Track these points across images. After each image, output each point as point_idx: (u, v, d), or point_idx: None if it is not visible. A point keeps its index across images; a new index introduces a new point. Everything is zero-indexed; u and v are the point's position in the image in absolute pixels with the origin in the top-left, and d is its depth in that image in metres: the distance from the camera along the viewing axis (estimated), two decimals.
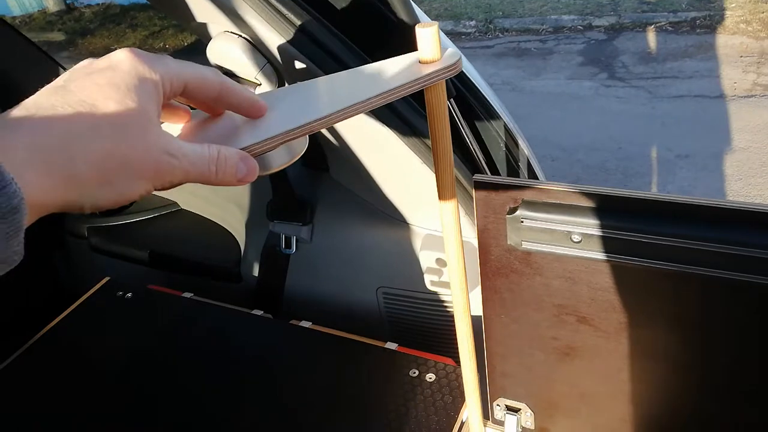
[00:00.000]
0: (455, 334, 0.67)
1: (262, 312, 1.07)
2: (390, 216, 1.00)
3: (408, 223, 0.99)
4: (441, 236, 0.97)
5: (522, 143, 0.92)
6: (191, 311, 1.10)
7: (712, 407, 0.66)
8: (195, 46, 5.89)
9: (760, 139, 3.25)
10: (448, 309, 0.98)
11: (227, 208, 1.30)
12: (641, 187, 2.97)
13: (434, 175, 0.78)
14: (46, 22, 6.86)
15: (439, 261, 0.94)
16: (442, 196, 0.60)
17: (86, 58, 0.37)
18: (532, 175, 0.94)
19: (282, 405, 0.88)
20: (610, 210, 0.58)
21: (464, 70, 0.89)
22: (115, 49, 0.37)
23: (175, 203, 1.45)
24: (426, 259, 0.96)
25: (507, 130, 0.90)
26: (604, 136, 3.46)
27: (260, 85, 0.80)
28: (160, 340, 1.05)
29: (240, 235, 1.27)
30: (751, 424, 0.64)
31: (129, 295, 1.13)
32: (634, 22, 4.89)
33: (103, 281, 1.18)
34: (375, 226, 1.02)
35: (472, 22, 5.43)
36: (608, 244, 0.58)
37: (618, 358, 0.67)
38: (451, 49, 0.53)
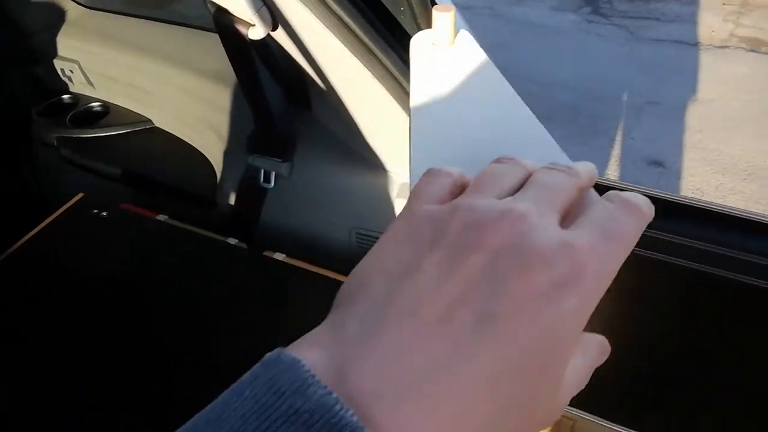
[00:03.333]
0: None
1: (237, 241, 1.11)
2: (369, 160, 1.03)
3: (386, 170, 1.02)
4: None
5: None
6: (165, 235, 1.12)
7: (630, 362, 0.75)
8: None
9: (726, 92, 3.33)
10: None
11: (205, 133, 1.29)
12: (606, 132, 3.04)
13: None
14: None
15: None
16: None
17: None
18: None
19: (250, 335, 0.94)
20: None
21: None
22: None
23: (149, 120, 1.43)
24: (400, 206, 1.00)
25: None
26: (581, 75, 3.47)
27: (254, 26, 0.79)
28: (133, 262, 1.08)
29: (216, 161, 1.27)
30: (660, 380, 0.74)
31: (104, 213, 1.15)
32: None
33: (78, 197, 1.19)
34: (353, 168, 1.05)
35: None
36: None
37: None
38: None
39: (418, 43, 0.54)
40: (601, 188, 0.27)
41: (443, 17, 0.52)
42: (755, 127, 3.05)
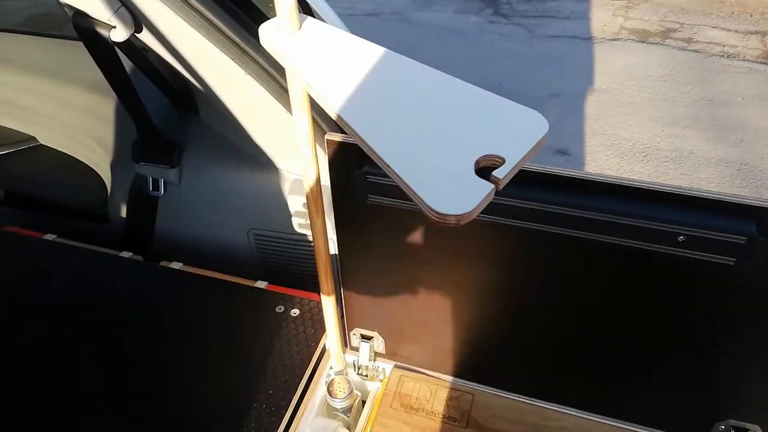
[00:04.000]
0: None
1: (132, 254, 1.07)
2: (260, 160, 1.03)
3: (277, 168, 1.02)
4: None
5: None
6: (55, 254, 1.07)
7: (521, 333, 0.79)
8: None
9: (620, 81, 3.55)
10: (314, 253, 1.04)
11: (91, 146, 1.24)
12: None
13: None
14: None
15: (305, 204, 0.99)
16: (303, 151, 0.64)
17: None
18: None
19: (154, 345, 0.91)
20: None
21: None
22: None
23: (33, 138, 1.36)
24: (294, 202, 1.01)
25: None
26: (487, 72, 3.61)
27: (115, 27, 0.77)
28: (20, 285, 1.02)
29: (105, 174, 1.23)
30: (551, 349, 0.78)
31: None
32: None
33: None
34: (245, 169, 1.05)
35: None
36: None
37: (452, 292, 0.78)
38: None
39: (267, 32, 0.55)
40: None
41: (285, 2, 0.53)
42: (648, 112, 3.27)
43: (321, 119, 0.84)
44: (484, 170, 0.42)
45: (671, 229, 0.59)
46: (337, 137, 0.67)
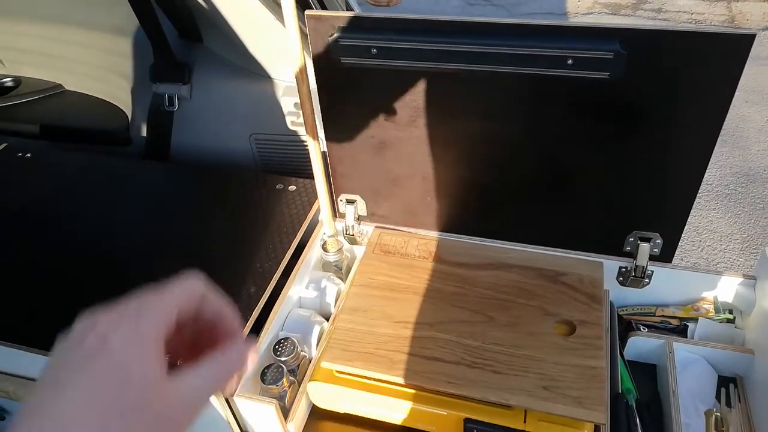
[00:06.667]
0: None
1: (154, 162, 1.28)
2: (256, 73, 1.24)
3: (271, 77, 1.23)
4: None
5: None
6: (89, 165, 1.27)
7: (486, 178, 0.98)
8: None
9: None
10: (307, 144, 1.24)
11: (112, 81, 1.45)
12: None
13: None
14: None
15: (296, 105, 1.20)
16: (288, 22, 0.85)
17: None
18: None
19: (183, 215, 1.11)
20: (393, 29, 0.87)
21: None
22: None
23: (59, 85, 1.57)
24: (286, 104, 1.21)
25: None
26: None
27: None
28: (64, 190, 1.21)
29: (126, 105, 1.44)
30: (495, 191, 0.98)
31: (29, 155, 1.28)
32: None
33: (2, 147, 1.31)
34: (245, 82, 1.25)
35: None
36: (394, 53, 0.87)
37: (415, 146, 0.98)
38: None
39: None
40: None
41: None
42: None
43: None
44: None
45: (562, 54, 0.79)
46: (316, 13, 0.88)
